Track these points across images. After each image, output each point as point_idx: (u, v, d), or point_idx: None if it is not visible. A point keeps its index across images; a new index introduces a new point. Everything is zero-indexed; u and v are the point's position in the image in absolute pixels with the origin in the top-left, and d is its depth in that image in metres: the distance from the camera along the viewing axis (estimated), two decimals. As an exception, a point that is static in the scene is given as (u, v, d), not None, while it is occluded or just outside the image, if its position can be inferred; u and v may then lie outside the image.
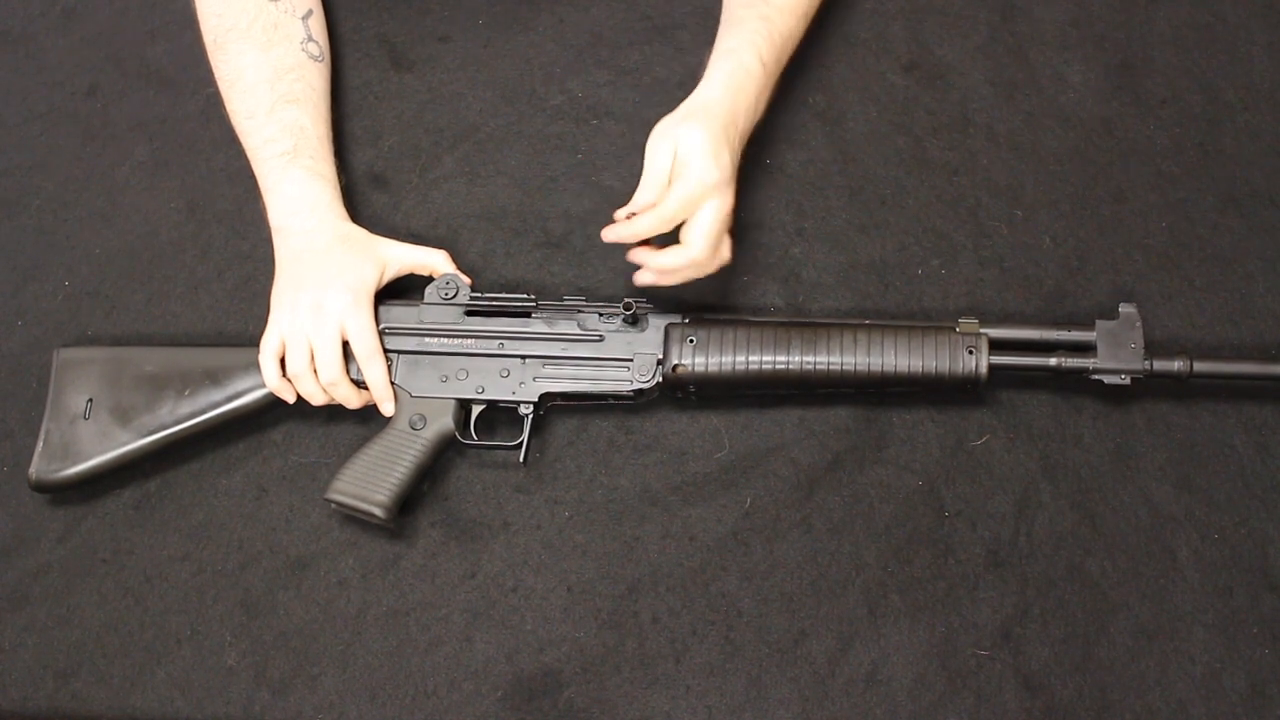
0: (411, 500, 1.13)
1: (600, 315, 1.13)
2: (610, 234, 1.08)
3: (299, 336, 1.10)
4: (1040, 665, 1.04)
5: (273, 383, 1.12)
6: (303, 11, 1.23)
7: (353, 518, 1.12)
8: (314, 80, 1.22)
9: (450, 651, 1.08)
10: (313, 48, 1.23)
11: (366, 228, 1.17)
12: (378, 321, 1.13)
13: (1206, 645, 1.04)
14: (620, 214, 1.08)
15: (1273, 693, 1.02)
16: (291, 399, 1.13)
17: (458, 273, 1.16)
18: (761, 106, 1.12)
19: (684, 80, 1.29)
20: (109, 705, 1.08)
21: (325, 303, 1.10)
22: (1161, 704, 1.02)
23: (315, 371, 1.11)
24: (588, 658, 1.07)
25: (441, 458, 1.14)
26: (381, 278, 1.14)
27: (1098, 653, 1.05)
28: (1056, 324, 1.10)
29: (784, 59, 1.15)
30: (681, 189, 1.05)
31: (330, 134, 1.21)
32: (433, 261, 1.16)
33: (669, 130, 1.07)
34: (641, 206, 1.06)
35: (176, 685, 1.08)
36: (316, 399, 1.12)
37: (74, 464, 1.12)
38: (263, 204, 1.17)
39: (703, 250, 1.06)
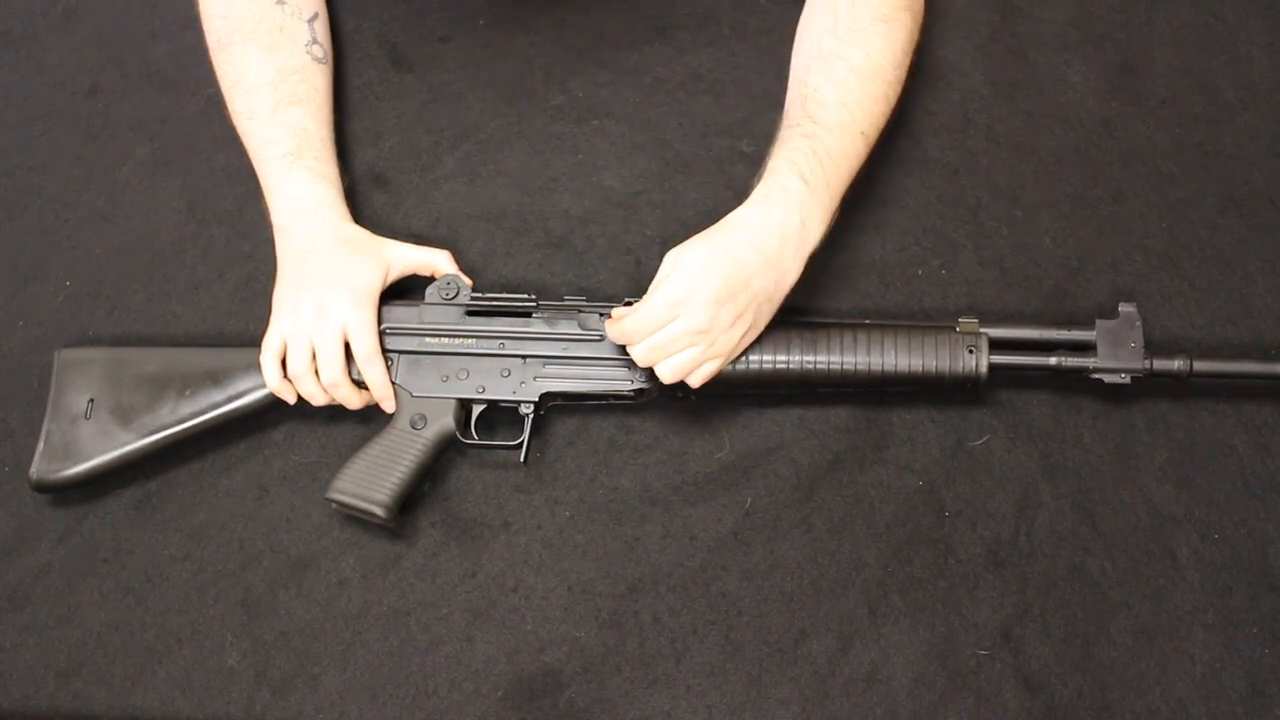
0: (412, 500, 1.13)
1: (601, 315, 1.13)
2: (607, 326, 1.08)
3: (301, 337, 1.10)
4: (1040, 665, 1.04)
5: (274, 383, 1.12)
6: (309, 15, 1.23)
7: (353, 517, 1.12)
8: (317, 82, 1.22)
9: (451, 651, 1.08)
10: (317, 50, 1.23)
11: (367, 228, 1.17)
12: (379, 322, 1.14)
13: (1206, 645, 1.04)
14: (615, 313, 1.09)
15: (1273, 693, 1.02)
16: (292, 399, 1.13)
17: (459, 273, 1.16)
18: (815, 225, 1.05)
19: (684, 80, 1.30)
20: (110, 705, 1.08)
21: (328, 304, 1.10)
22: (1161, 704, 1.03)
23: (317, 372, 1.11)
24: (588, 657, 1.07)
25: (442, 457, 1.14)
26: (385, 279, 1.14)
27: (1098, 653, 1.05)
28: (1056, 324, 1.11)
29: (837, 177, 1.07)
30: (654, 297, 1.03)
31: (333, 136, 1.21)
32: (435, 262, 1.16)
33: (687, 244, 1.04)
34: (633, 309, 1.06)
35: (177, 685, 1.08)
36: (317, 399, 1.12)
37: (75, 464, 1.12)
38: (264, 204, 1.17)
39: (632, 327, 1.04)
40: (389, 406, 1.12)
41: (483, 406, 1.13)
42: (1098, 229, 1.21)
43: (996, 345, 1.09)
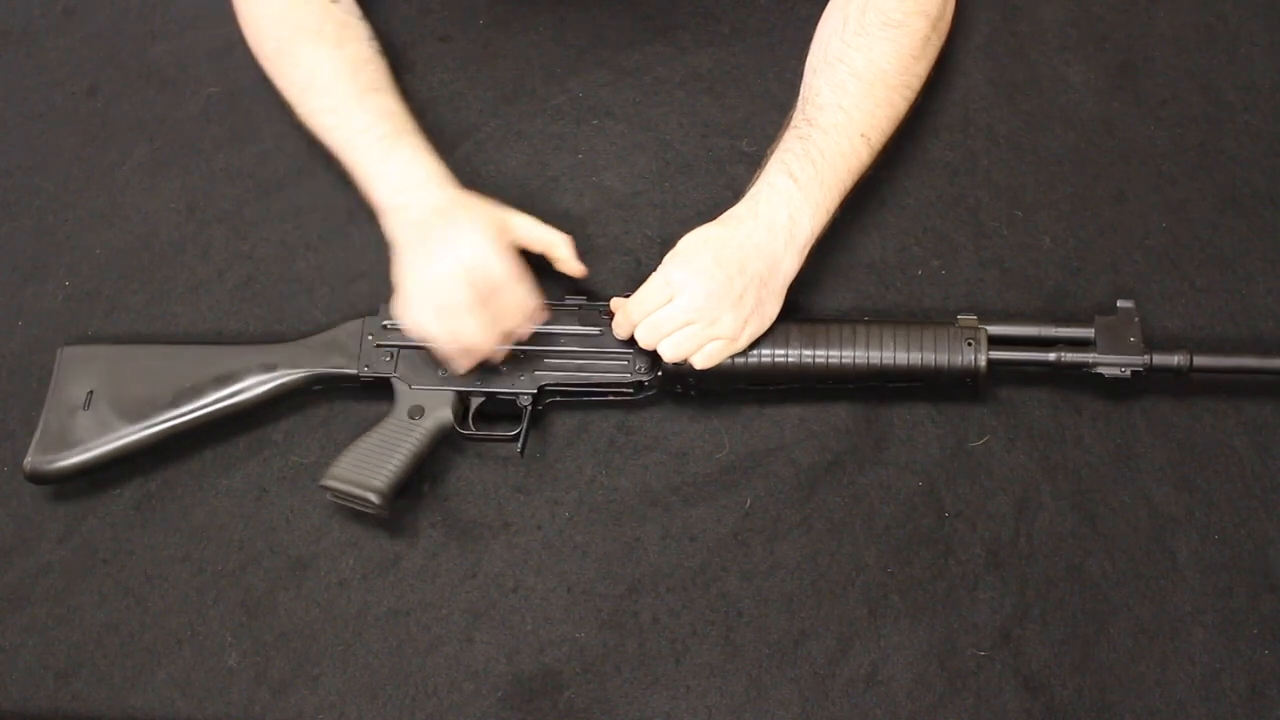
0: (412, 500, 1.13)
1: (601, 312, 1.14)
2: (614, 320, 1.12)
3: (447, 283, 1.06)
4: (1040, 665, 1.04)
5: (460, 365, 1.10)
6: (358, 12, 1.24)
7: (351, 515, 1.12)
8: (387, 72, 1.22)
9: (451, 652, 1.08)
10: (376, 44, 1.23)
11: (368, 228, 1.18)
12: (384, 318, 1.15)
13: (1206, 645, 1.04)
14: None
15: (1273, 693, 1.02)
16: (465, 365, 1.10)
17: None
18: (805, 219, 1.08)
19: (685, 80, 1.30)
20: (109, 705, 1.08)
21: (459, 247, 1.06)
22: (1161, 704, 1.02)
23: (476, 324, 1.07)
24: (588, 658, 1.07)
25: (439, 449, 1.13)
26: (505, 233, 1.10)
27: (1098, 653, 1.05)
28: (1055, 320, 1.11)
29: (833, 176, 1.09)
30: (652, 278, 1.07)
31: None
32: (553, 241, 1.13)
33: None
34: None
35: (177, 685, 1.08)
36: (482, 338, 1.08)
37: (70, 455, 1.11)
38: (360, 196, 1.17)
39: (633, 309, 1.08)
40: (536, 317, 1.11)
41: (481, 399, 1.13)
42: (1098, 229, 1.21)
43: (996, 342, 1.09)
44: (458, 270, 1.06)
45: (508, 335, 1.10)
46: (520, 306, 1.09)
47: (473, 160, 1.27)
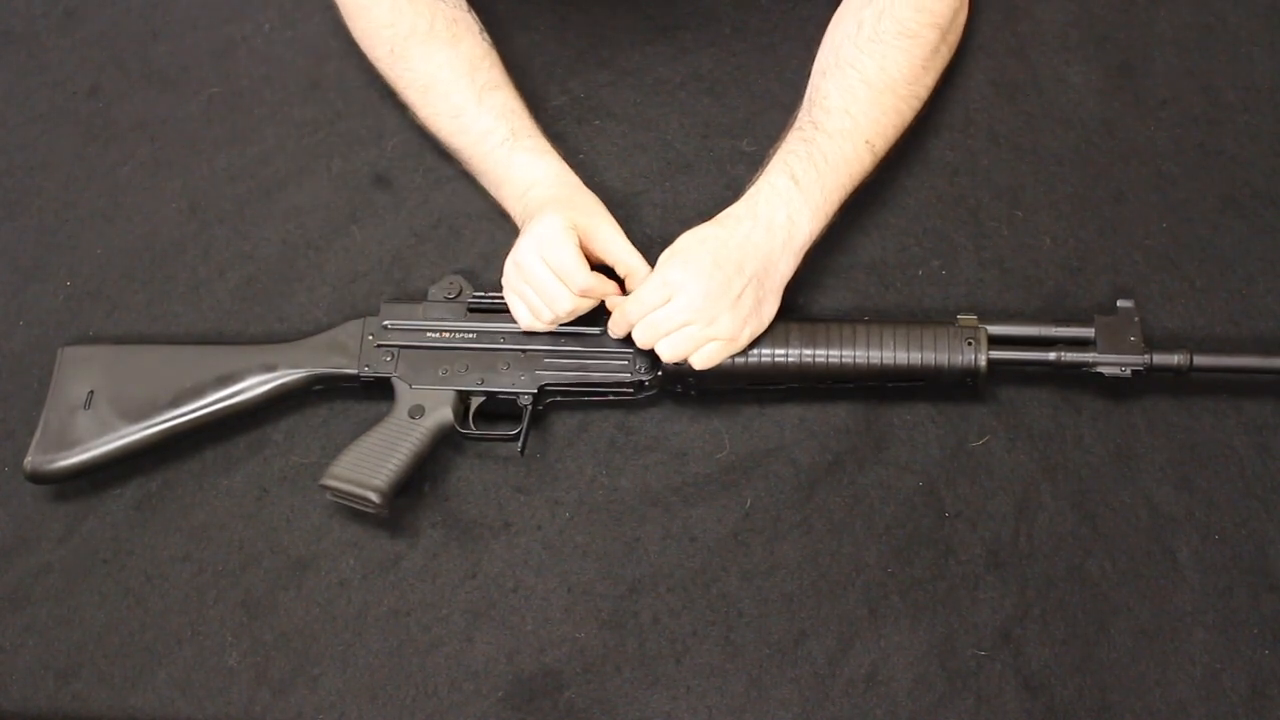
0: (412, 500, 1.13)
1: (601, 311, 1.14)
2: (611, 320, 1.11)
3: (521, 286, 1.09)
4: (1040, 665, 1.04)
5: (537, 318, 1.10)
6: (464, 5, 1.23)
7: (351, 514, 1.12)
8: (500, 65, 1.21)
9: (451, 652, 1.08)
10: (486, 35, 1.22)
11: (369, 228, 1.17)
12: (384, 317, 1.15)
13: (1206, 645, 1.04)
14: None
15: (1273, 693, 1.02)
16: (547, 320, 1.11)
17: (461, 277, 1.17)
18: (804, 221, 1.08)
19: (685, 80, 1.30)
20: (110, 705, 1.08)
21: (535, 230, 1.07)
22: (1161, 704, 1.02)
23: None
24: (588, 658, 1.07)
25: (439, 449, 1.14)
26: (583, 236, 1.09)
27: (1098, 653, 1.05)
28: (1055, 320, 1.11)
29: (834, 180, 1.10)
30: (650, 278, 1.07)
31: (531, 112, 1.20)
32: (634, 269, 1.11)
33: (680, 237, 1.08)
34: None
35: (177, 685, 1.08)
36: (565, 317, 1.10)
37: (70, 455, 1.11)
38: (491, 200, 1.19)
39: (630, 308, 1.07)
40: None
41: (481, 399, 1.13)
42: (1098, 229, 1.21)
43: (996, 341, 1.09)
44: (533, 244, 1.07)
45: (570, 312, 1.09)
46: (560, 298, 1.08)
47: (473, 160, 1.27)
